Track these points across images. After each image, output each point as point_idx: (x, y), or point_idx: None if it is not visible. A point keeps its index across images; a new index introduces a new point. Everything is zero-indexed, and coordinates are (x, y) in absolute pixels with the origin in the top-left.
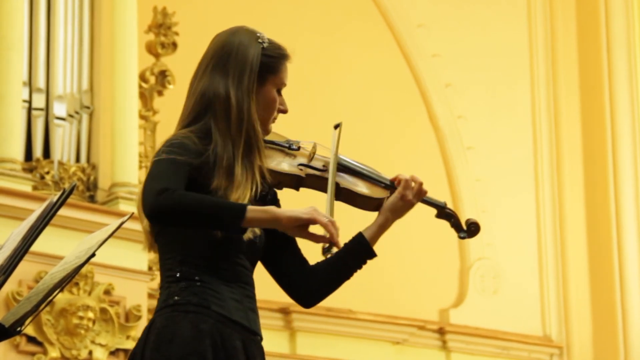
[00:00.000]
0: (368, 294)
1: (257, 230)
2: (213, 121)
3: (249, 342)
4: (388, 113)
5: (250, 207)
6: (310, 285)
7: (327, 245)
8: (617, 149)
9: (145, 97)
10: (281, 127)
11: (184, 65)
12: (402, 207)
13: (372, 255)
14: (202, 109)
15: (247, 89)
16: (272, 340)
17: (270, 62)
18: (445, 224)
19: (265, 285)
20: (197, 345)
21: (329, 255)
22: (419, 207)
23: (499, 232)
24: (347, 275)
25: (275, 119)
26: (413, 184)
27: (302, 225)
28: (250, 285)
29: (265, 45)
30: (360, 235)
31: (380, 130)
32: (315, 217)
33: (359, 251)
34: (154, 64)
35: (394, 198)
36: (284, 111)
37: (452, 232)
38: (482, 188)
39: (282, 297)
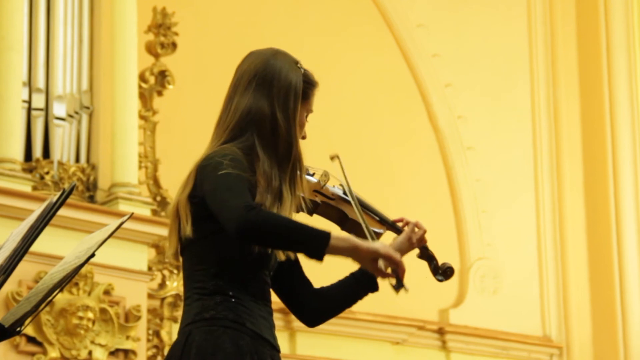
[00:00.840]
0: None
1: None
2: (257, 139)
3: (275, 359)
4: (388, 113)
5: (333, 235)
6: (316, 307)
7: (395, 282)
8: (617, 149)
9: (144, 97)
10: None
11: (183, 65)
12: (407, 249)
13: (376, 289)
14: (245, 126)
15: (293, 113)
16: None
17: (305, 89)
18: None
19: None
20: None
21: (399, 292)
22: (419, 205)
23: (499, 232)
24: (352, 303)
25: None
26: (417, 229)
27: (374, 259)
28: (270, 302)
29: (302, 71)
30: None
31: (380, 131)
32: (391, 255)
33: (367, 283)
34: (153, 64)
35: (402, 238)
36: (303, 137)
37: (452, 233)
38: (482, 188)
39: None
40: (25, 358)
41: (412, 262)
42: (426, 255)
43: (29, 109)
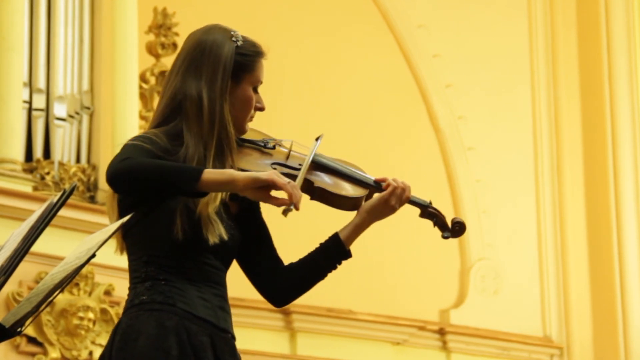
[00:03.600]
0: (368, 295)
1: (224, 236)
2: (185, 124)
3: (218, 339)
4: (388, 114)
5: (207, 170)
6: (282, 285)
7: (287, 207)
8: (618, 149)
9: (145, 98)
10: (282, 128)
11: None
12: (382, 212)
13: (347, 255)
14: (173, 111)
15: (221, 89)
16: (272, 341)
17: (245, 61)
18: (448, 216)
19: None
20: (162, 341)
21: (288, 213)
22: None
23: (500, 232)
24: (321, 276)
25: (252, 117)
26: (398, 190)
27: (262, 188)
28: (220, 284)
29: (239, 43)
30: (335, 235)
31: (381, 131)
32: (274, 179)
33: (334, 251)
34: (154, 65)
35: (375, 201)
36: (261, 109)
37: None
38: (482, 189)
39: None
40: (26, 358)
41: (412, 262)
42: (427, 213)
43: (30, 110)
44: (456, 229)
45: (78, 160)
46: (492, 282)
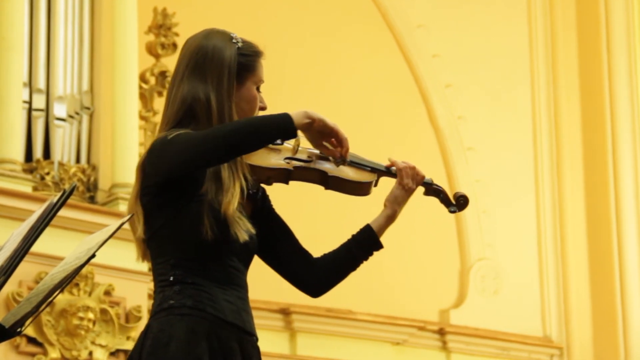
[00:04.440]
0: (368, 295)
1: (252, 231)
2: (198, 128)
3: (245, 343)
4: (388, 113)
5: (291, 112)
6: (318, 276)
7: (339, 157)
8: (617, 149)
9: (145, 98)
10: None
11: None
12: (405, 196)
13: (379, 246)
14: (186, 115)
15: (227, 92)
16: (272, 341)
17: (246, 61)
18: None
19: (265, 286)
20: (194, 347)
21: (340, 165)
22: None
23: (500, 232)
24: (354, 266)
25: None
26: (409, 170)
27: (322, 133)
28: (242, 287)
29: (239, 45)
30: (368, 227)
31: (381, 131)
32: (338, 129)
33: (367, 242)
34: (154, 65)
35: (394, 189)
36: (263, 108)
37: (452, 233)
38: (482, 189)
39: (282, 297)
40: (26, 359)
41: (412, 262)
42: (432, 190)
43: (30, 110)
44: (461, 202)
45: (78, 160)
46: (492, 282)
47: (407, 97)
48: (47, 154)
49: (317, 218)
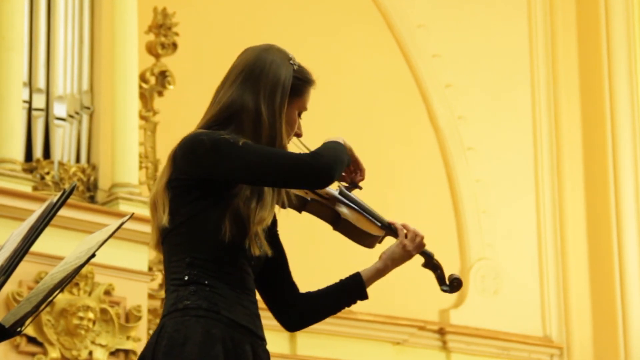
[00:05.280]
0: (368, 294)
1: (268, 252)
2: (238, 133)
3: (257, 347)
4: (388, 113)
5: (340, 139)
6: (298, 312)
7: (351, 183)
8: (617, 149)
9: (145, 98)
10: None
11: (184, 65)
12: (402, 257)
13: (364, 297)
14: (226, 119)
15: (280, 108)
16: (272, 341)
17: (298, 85)
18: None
19: None
20: (209, 349)
21: (355, 190)
22: (419, 206)
23: (500, 232)
24: (337, 309)
25: (289, 140)
26: (417, 237)
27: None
28: (253, 291)
29: (296, 67)
30: (357, 275)
31: (381, 131)
32: (358, 158)
33: (354, 290)
34: (154, 65)
35: (395, 247)
36: (299, 135)
37: (452, 233)
38: (482, 189)
39: None
40: (26, 358)
41: (412, 262)
42: (431, 264)
43: (30, 109)
44: (454, 285)
45: (78, 160)
46: (492, 282)
47: (407, 97)
48: (47, 153)
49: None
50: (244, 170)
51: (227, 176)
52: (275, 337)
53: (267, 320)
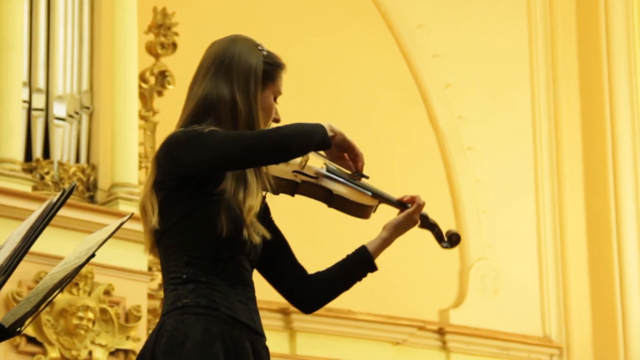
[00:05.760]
0: (368, 294)
1: (267, 235)
2: (218, 124)
3: (256, 343)
4: (388, 113)
5: (325, 124)
6: (311, 293)
7: (355, 171)
8: (617, 149)
9: (145, 98)
10: None
11: (183, 65)
12: (407, 226)
13: (374, 268)
14: (204, 112)
15: (254, 95)
16: (272, 341)
17: (269, 70)
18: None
19: (265, 286)
20: (209, 347)
21: (363, 179)
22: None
23: (499, 232)
24: (348, 285)
25: (269, 127)
26: (420, 206)
27: (341, 148)
28: (251, 287)
29: (265, 53)
30: (363, 248)
31: (381, 131)
32: (355, 144)
33: (362, 263)
34: (153, 65)
35: (401, 217)
36: (277, 120)
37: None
38: (482, 189)
39: (282, 297)
40: (26, 358)
41: (412, 262)
42: (427, 223)
43: (29, 109)
44: (453, 240)
45: (77, 160)
46: (491, 282)
47: (407, 97)
48: (46, 153)
49: (315, 233)
50: (213, 155)
51: (202, 166)
52: (275, 337)
53: (267, 320)
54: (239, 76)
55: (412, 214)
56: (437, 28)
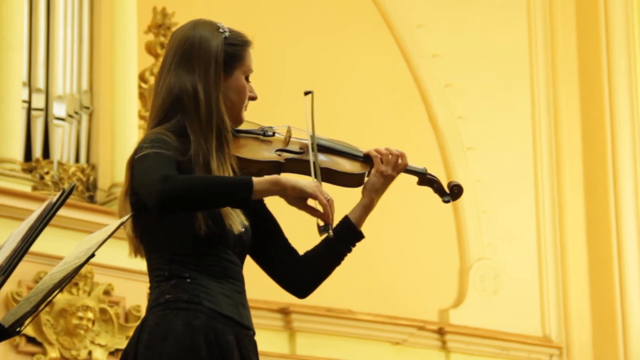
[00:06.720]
0: (368, 294)
1: (245, 223)
2: (186, 119)
3: (242, 337)
4: (388, 113)
5: (255, 180)
6: (303, 276)
7: (322, 224)
8: (617, 149)
9: (144, 98)
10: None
11: None
12: (383, 184)
13: (360, 237)
14: (172, 107)
15: (215, 82)
16: (271, 341)
17: (234, 51)
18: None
19: (265, 286)
20: (190, 341)
21: (324, 236)
22: (419, 206)
23: (499, 232)
24: (338, 261)
25: (246, 106)
26: (390, 156)
27: (301, 197)
28: (239, 280)
29: (226, 34)
30: (346, 219)
31: (380, 131)
32: (317, 195)
33: (347, 234)
34: (153, 64)
35: (372, 177)
36: (254, 98)
37: (452, 233)
38: (482, 188)
39: (282, 297)
40: (25, 358)
41: (412, 262)
42: (425, 180)
43: (29, 109)
44: (455, 192)
45: (77, 160)
46: (491, 282)
47: (407, 97)
48: (46, 153)
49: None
50: (140, 190)
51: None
52: (274, 337)
53: (268, 320)
54: (200, 64)
55: (379, 170)
56: (437, 28)
